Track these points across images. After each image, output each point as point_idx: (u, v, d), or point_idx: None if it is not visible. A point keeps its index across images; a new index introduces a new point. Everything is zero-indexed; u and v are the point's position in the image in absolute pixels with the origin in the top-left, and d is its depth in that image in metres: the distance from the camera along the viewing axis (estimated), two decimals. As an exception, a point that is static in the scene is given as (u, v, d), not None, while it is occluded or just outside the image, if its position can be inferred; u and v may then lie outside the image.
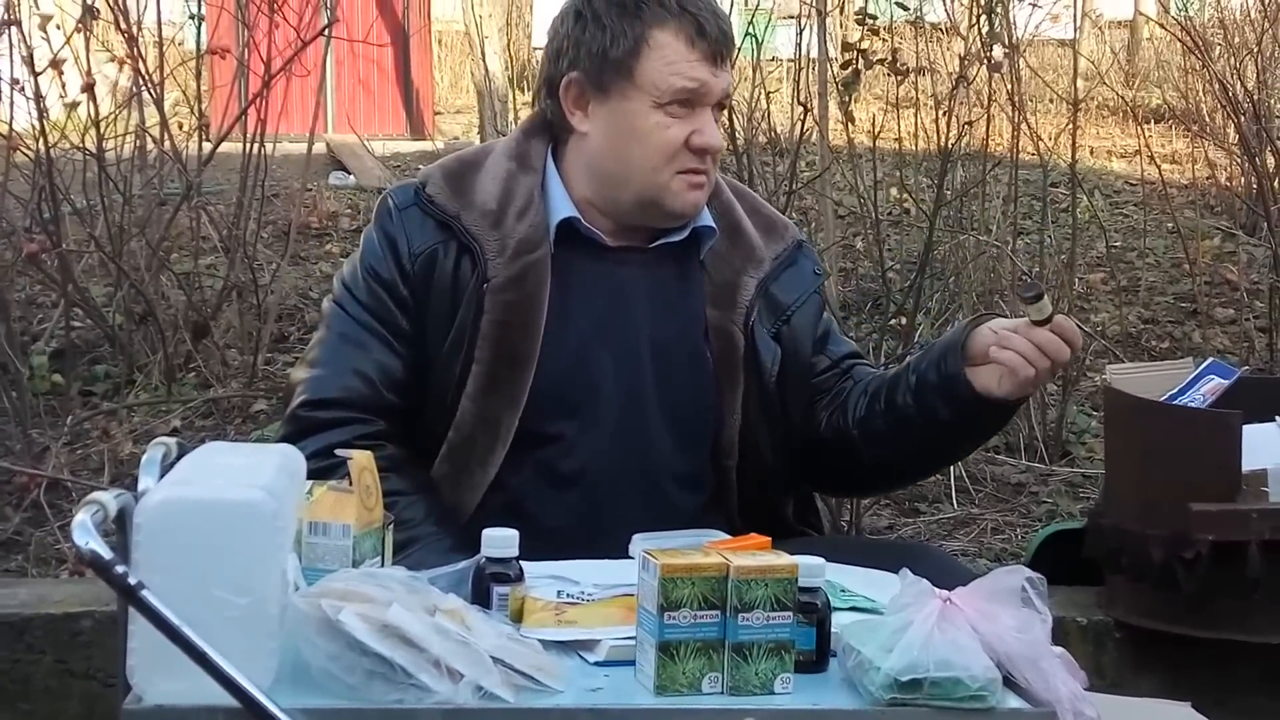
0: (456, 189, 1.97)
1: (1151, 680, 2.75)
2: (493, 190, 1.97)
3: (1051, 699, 1.42)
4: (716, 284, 2.01)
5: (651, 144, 1.93)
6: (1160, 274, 5.36)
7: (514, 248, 1.94)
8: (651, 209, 1.97)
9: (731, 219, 2.05)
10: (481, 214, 1.95)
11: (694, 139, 1.93)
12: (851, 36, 4.40)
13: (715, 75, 1.94)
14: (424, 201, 1.97)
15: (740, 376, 1.99)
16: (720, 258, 2.02)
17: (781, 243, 2.07)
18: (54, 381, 4.01)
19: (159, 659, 1.32)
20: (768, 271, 2.04)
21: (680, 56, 1.92)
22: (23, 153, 4.03)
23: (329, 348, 1.97)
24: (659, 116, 1.92)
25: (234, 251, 4.31)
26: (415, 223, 1.96)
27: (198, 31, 4.69)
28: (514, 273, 1.93)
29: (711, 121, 1.95)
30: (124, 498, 1.39)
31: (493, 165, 2.00)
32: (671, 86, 1.91)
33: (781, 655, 1.43)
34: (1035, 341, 1.86)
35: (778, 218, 2.13)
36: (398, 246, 1.95)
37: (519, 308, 1.93)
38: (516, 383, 1.92)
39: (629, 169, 1.95)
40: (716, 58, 1.93)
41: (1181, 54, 6.38)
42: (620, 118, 1.95)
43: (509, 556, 1.59)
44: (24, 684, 2.70)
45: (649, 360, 1.98)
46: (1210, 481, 2.63)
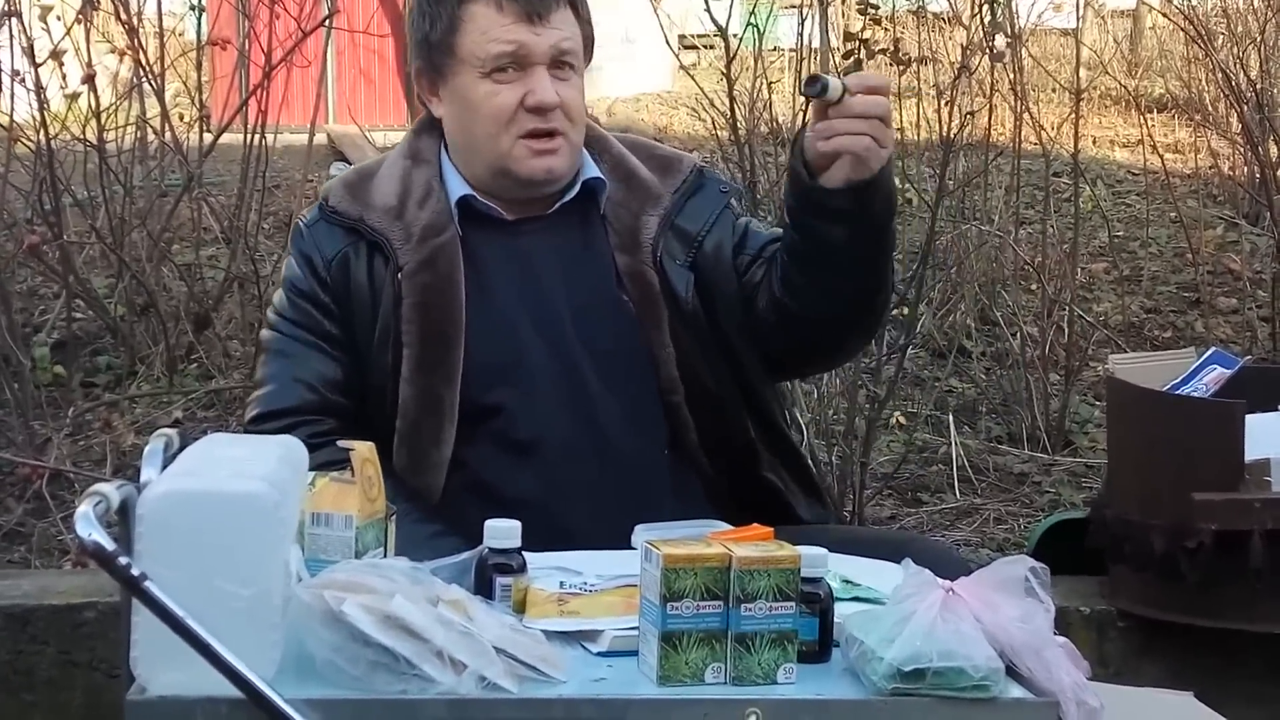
0: (355, 194, 2.05)
1: (1154, 670, 2.76)
2: (391, 188, 2.04)
3: (1054, 689, 1.42)
4: (619, 231, 2.05)
5: (485, 113, 1.98)
6: (1163, 264, 5.36)
7: (419, 233, 2.01)
8: (504, 178, 2.02)
9: (625, 168, 2.09)
10: (383, 211, 2.02)
11: (527, 99, 1.96)
12: (853, 26, 4.40)
13: (536, 34, 1.96)
14: (328, 214, 2.04)
15: (662, 312, 2.03)
16: (619, 205, 2.06)
17: (679, 175, 2.10)
18: (56, 373, 4.01)
19: (162, 650, 1.32)
20: (669, 206, 2.07)
21: (493, 23, 1.96)
22: (24, 144, 4.03)
23: (270, 368, 2.07)
24: (487, 85, 1.97)
25: (235, 242, 4.31)
26: (324, 234, 2.04)
27: (198, 22, 4.69)
28: (424, 255, 2.00)
29: (544, 80, 1.97)
30: (126, 489, 1.39)
31: (388, 167, 2.08)
32: (489, 53, 1.96)
33: (784, 645, 1.43)
34: (848, 113, 1.84)
35: (674, 154, 2.16)
36: (312, 259, 2.04)
37: (435, 288, 1.99)
38: (448, 358, 1.98)
39: (474, 141, 2.01)
40: (533, 16, 1.96)
41: (1184, 43, 6.37)
42: (458, 95, 2.01)
43: (511, 547, 1.59)
44: (27, 675, 2.71)
45: (570, 320, 2.02)
46: (1213, 471, 2.63)
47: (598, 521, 1.89)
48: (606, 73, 9.81)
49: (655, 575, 1.42)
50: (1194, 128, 6.37)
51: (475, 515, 1.68)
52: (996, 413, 4.19)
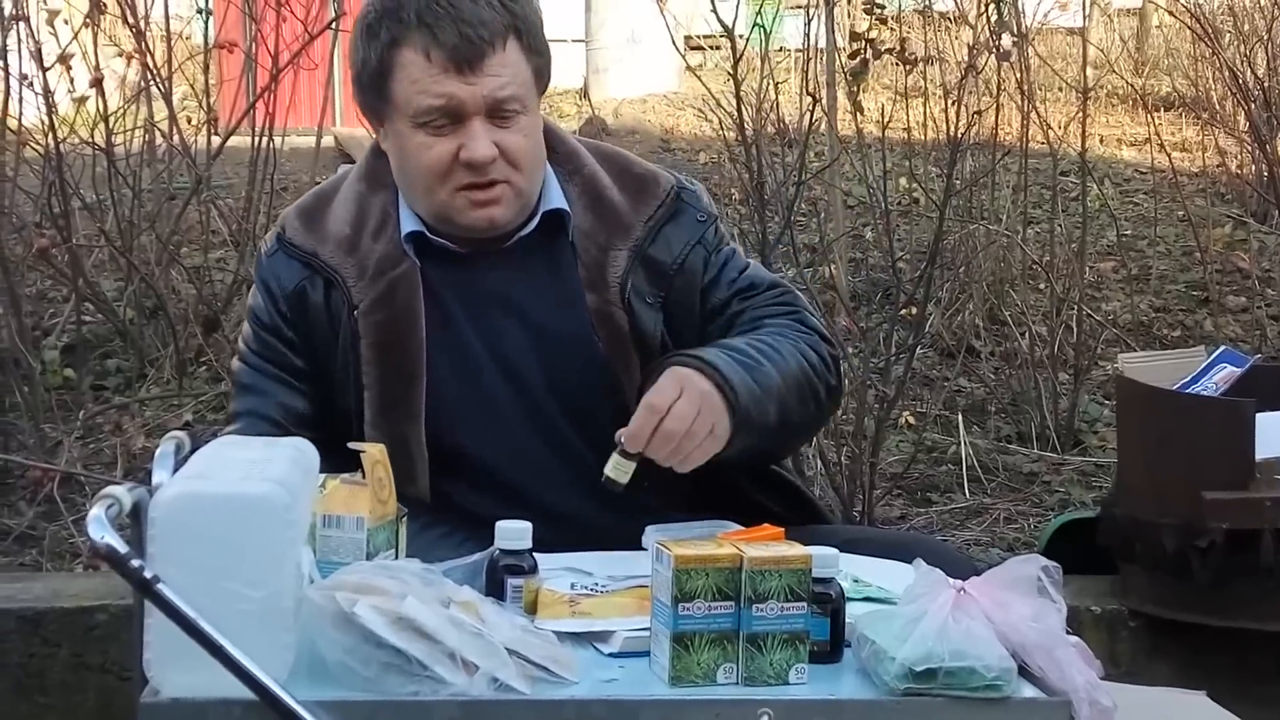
0: (309, 225, 1.96)
1: (1166, 669, 2.75)
2: (344, 216, 1.95)
3: (1067, 688, 1.42)
4: (587, 265, 1.93)
5: (420, 165, 1.88)
6: (1171, 262, 5.35)
7: (374, 267, 1.92)
8: (448, 224, 1.92)
9: (594, 191, 1.96)
10: (336, 243, 1.93)
11: (461, 154, 1.85)
12: (859, 26, 4.40)
13: (469, 84, 1.83)
14: (285, 245, 1.96)
15: (632, 356, 1.92)
16: (587, 236, 1.94)
17: (654, 201, 1.96)
18: (66, 376, 4.02)
19: (175, 652, 1.32)
20: (640, 237, 1.94)
21: (422, 73, 1.83)
22: (32, 148, 4.04)
23: (238, 404, 2.00)
24: (421, 136, 1.86)
25: (244, 245, 4.32)
26: (281, 265, 1.96)
27: (205, 26, 4.69)
28: (379, 293, 1.91)
29: (478, 133, 1.84)
30: (138, 492, 1.39)
31: (345, 192, 1.98)
32: (419, 106, 1.84)
33: (796, 646, 1.43)
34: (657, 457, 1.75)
35: (650, 173, 2.00)
36: (271, 291, 1.96)
37: (392, 325, 1.91)
38: (410, 398, 1.90)
39: (412, 188, 1.92)
40: (463, 65, 1.82)
41: (1191, 41, 6.35)
42: (395, 139, 1.91)
43: (523, 548, 1.59)
44: (40, 677, 2.72)
45: (537, 362, 1.93)
46: (1223, 470, 2.63)
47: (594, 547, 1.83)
48: (613, 74, 9.83)
49: (667, 576, 1.42)
50: (1201, 126, 6.36)
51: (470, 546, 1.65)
52: (1006, 412, 4.18)
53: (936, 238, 3.91)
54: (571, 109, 8.88)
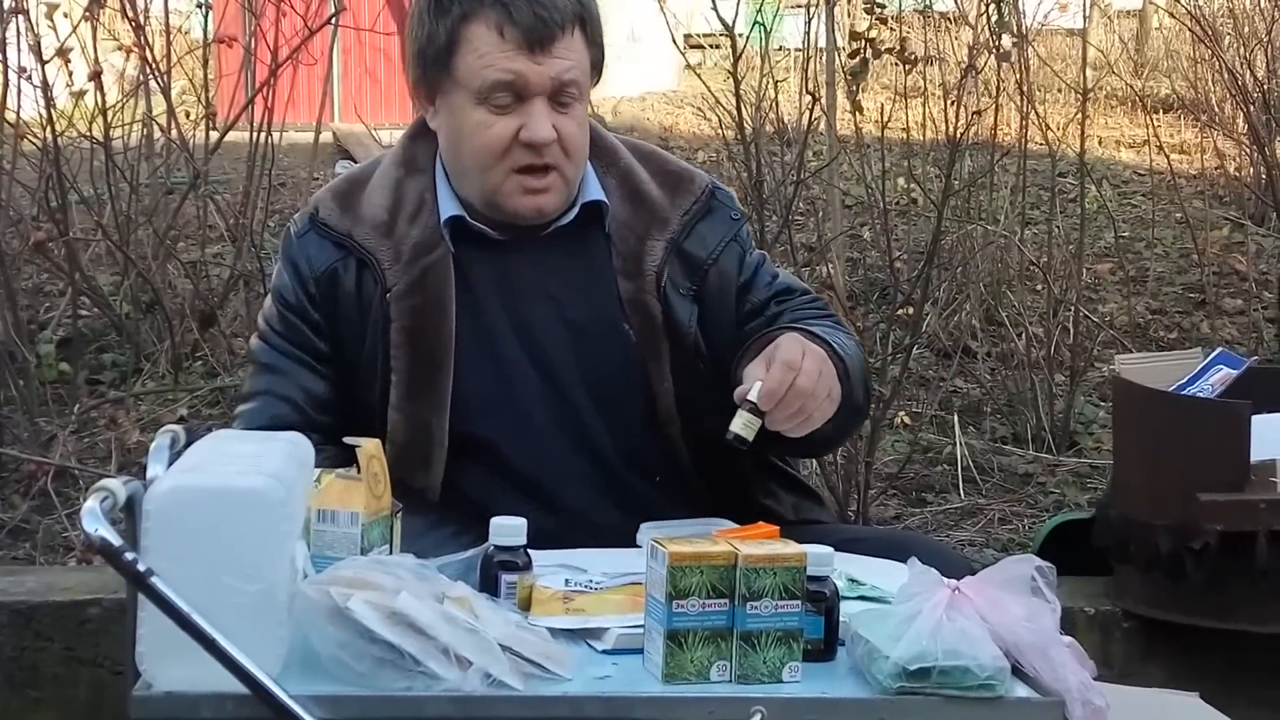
0: (345, 207, 1.96)
1: (1160, 670, 2.75)
2: (381, 201, 1.95)
3: (1060, 688, 1.42)
4: (623, 254, 1.95)
5: (477, 143, 1.88)
6: (1169, 264, 5.35)
7: (409, 253, 1.92)
8: (495, 209, 1.93)
9: (631, 184, 1.99)
10: (372, 226, 1.94)
11: (522, 133, 1.86)
12: (859, 25, 4.40)
13: (538, 64, 1.85)
14: (318, 224, 1.96)
15: (663, 345, 1.94)
16: (624, 226, 1.96)
17: (690, 196, 1.99)
18: (61, 370, 4.01)
19: (168, 646, 1.32)
20: (676, 230, 1.97)
21: (492, 48, 1.85)
22: (30, 141, 4.04)
23: (256, 382, 1.99)
24: (481, 114, 1.87)
25: (241, 240, 4.32)
26: (313, 246, 1.96)
27: (205, 20, 4.69)
28: (413, 277, 1.92)
29: (541, 114, 1.86)
30: (133, 485, 1.39)
31: (380, 176, 1.98)
32: (485, 80, 1.85)
33: (790, 644, 1.43)
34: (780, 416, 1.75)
35: (686, 171, 2.04)
36: (300, 271, 1.96)
37: (424, 311, 1.91)
38: (437, 386, 1.91)
39: (464, 168, 1.92)
40: (535, 45, 1.84)
41: (1191, 43, 6.36)
42: (451, 116, 1.91)
43: (517, 545, 1.58)
44: (32, 671, 2.71)
45: (568, 349, 1.95)
46: (1218, 472, 2.63)
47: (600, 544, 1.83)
48: (612, 72, 9.81)
49: (661, 573, 1.42)
50: (1200, 128, 6.37)
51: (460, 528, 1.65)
52: (1001, 413, 4.18)
53: (934, 238, 3.91)
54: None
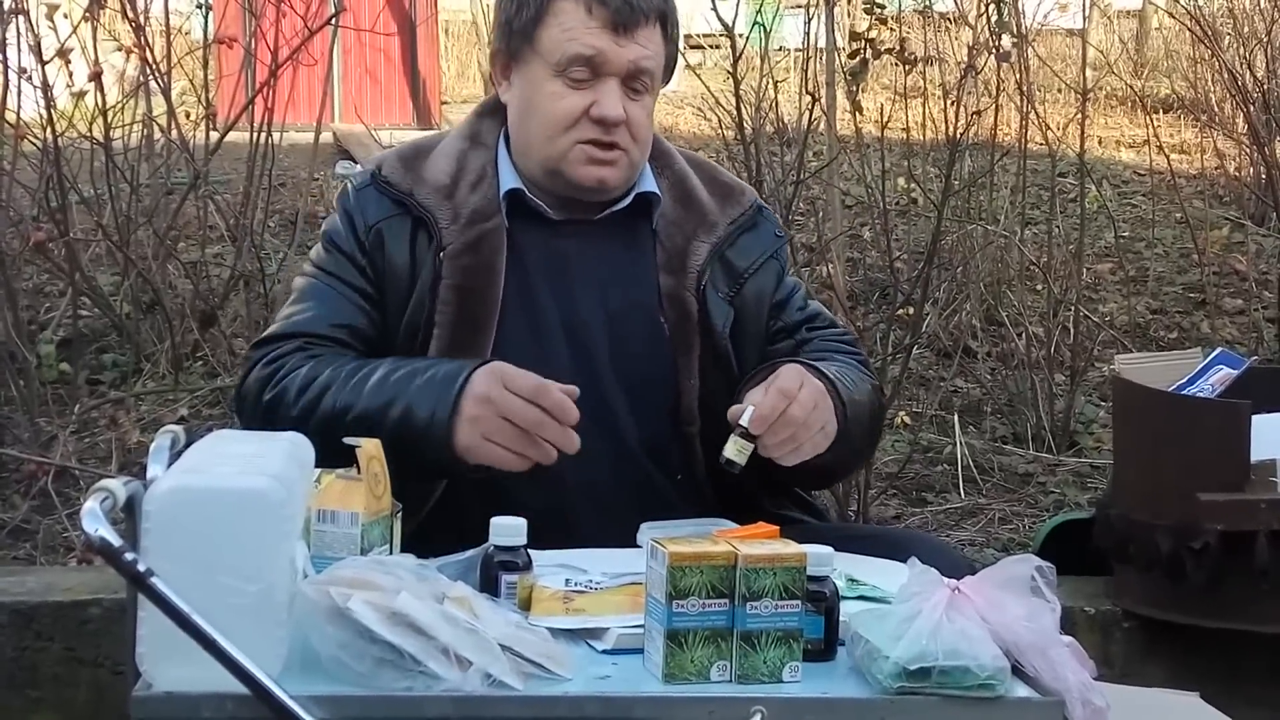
0: (409, 167, 2.02)
1: (1160, 670, 2.75)
2: (445, 167, 2.01)
3: (1060, 688, 1.42)
4: (668, 250, 2.01)
5: (547, 112, 1.94)
6: (1169, 264, 5.36)
7: (467, 216, 1.97)
8: (556, 178, 1.97)
9: (684, 187, 2.06)
10: (434, 188, 1.99)
11: (593, 109, 1.92)
12: (859, 26, 4.40)
13: (619, 45, 1.92)
14: (379, 182, 2.01)
15: (695, 341, 1.99)
16: (672, 224, 2.03)
17: (738, 207, 2.07)
18: (61, 370, 4.01)
19: (168, 646, 1.32)
20: (722, 236, 2.03)
21: (578, 23, 1.92)
22: (30, 141, 4.04)
23: (300, 306, 2.01)
24: (556, 85, 1.93)
25: (241, 240, 4.32)
26: (371, 200, 2.01)
27: (205, 20, 4.69)
28: (469, 239, 1.96)
29: (613, 92, 1.92)
30: (133, 485, 1.39)
31: (446, 145, 2.05)
32: (566, 53, 1.92)
33: (790, 644, 1.43)
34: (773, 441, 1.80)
35: (736, 184, 2.12)
36: (354, 221, 2.00)
37: (475, 272, 1.96)
38: (476, 346, 1.95)
39: (530, 136, 1.98)
40: (619, 27, 1.91)
41: (1191, 43, 6.37)
42: (525, 85, 1.98)
43: (517, 545, 1.58)
44: (32, 671, 2.71)
45: (603, 332, 1.99)
46: (1218, 471, 2.63)
47: (607, 531, 1.85)
48: (612, 72, 9.82)
49: (661, 573, 1.42)
50: (1200, 128, 6.37)
51: (478, 513, 1.65)
52: (1001, 413, 4.18)
53: (934, 238, 3.92)
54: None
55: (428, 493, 1.94)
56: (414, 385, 1.82)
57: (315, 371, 1.90)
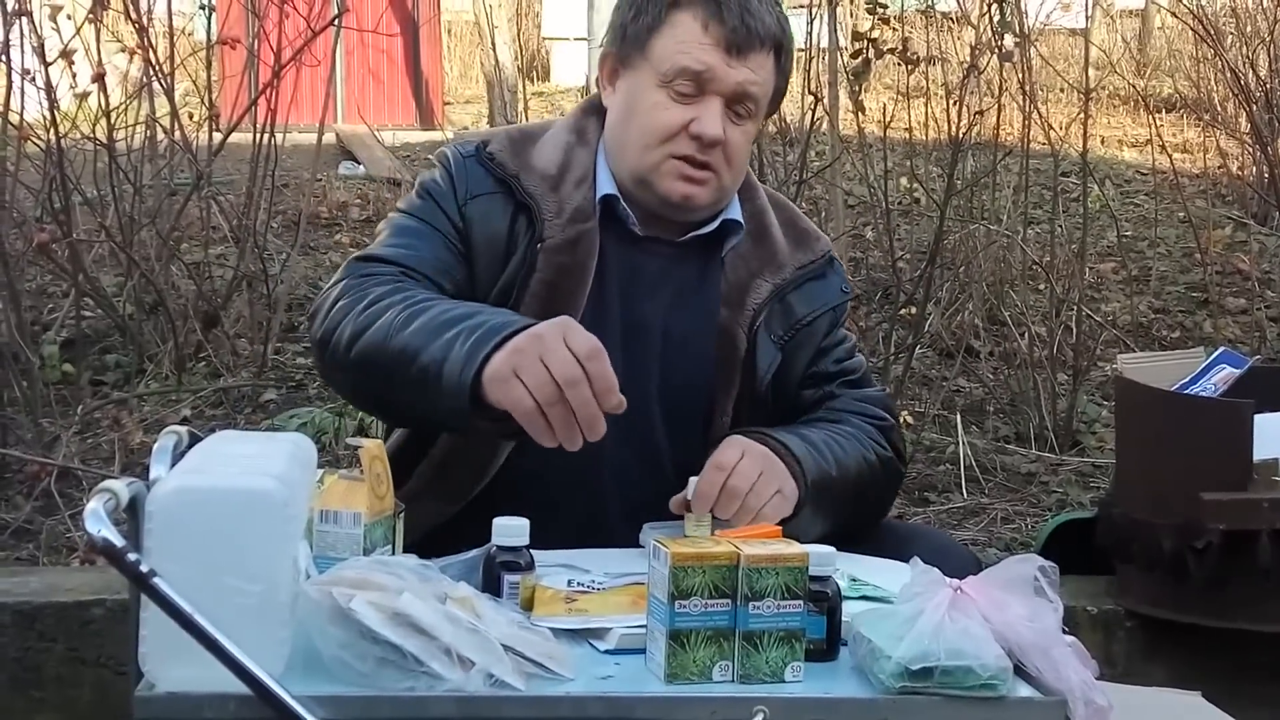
0: (517, 151, 1.98)
1: (1162, 669, 2.75)
2: (553, 157, 1.98)
3: (1063, 688, 1.42)
4: (730, 282, 2.00)
5: (646, 121, 1.92)
6: (1171, 263, 5.36)
7: (570, 213, 1.94)
8: (644, 188, 1.95)
9: (761, 223, 2.04)
10: (541, 177, 1.96)
11: (692, 125, 1.90)
12: (862, 26, 4.40)
13: (729, 65, 1.90)
14: (484, 158, 1.97)
15: (736, 377, 1.98)
16: (740, 258, 2.01)
17: (810, 254, 2.05)
18: (65, 371, 4.02)
19: (171, 646, 1.32)
20: (788, 278, 2.02)
21: (692, 37, 1.90)
22: (33, 143, 4.04)
23: (393, 241, 1.94)
24: (660, 95, 1.92)
25: (244, 241, 4.32)
26: (475, 173, 1.97)
27: (208, 22, 4.70)
28: (569, 236, 1.93)
29: (715, 112, 1.90)
30: (136, 486, 1.39)
31: (553, 136, 2.02)
32: (676, 64, 1.90)
33: (792, 644, 1.43)
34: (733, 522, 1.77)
35: (813, 230, 2.10)
36: (455, 184, 1.96)
37: (569, 271, 1.93)
38: None
39: (626, 143, 1.96)
40: (733, 48, 1.90)
41: (1193, 43, 6.37)
42: (630, 91, 1.96)
43: (519, 545, 1.59)
44: (35, 672, 2.71)
45: (658, 352, 1.98)
46: (1221, 471, 2.63)
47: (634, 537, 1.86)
48: (615, 72, 9.82)
49: (663, 573, 1.42)
50: (1203, 127, 6.37)
51: (508, 509, 1.64)
52: (1004, 412, 4.18)
53: (937, 238, 3.92)
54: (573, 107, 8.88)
55: (474, 479, 1.92)
56: (479, 314, 1.74)
57: (401, 288, 1.83)
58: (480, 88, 9.30)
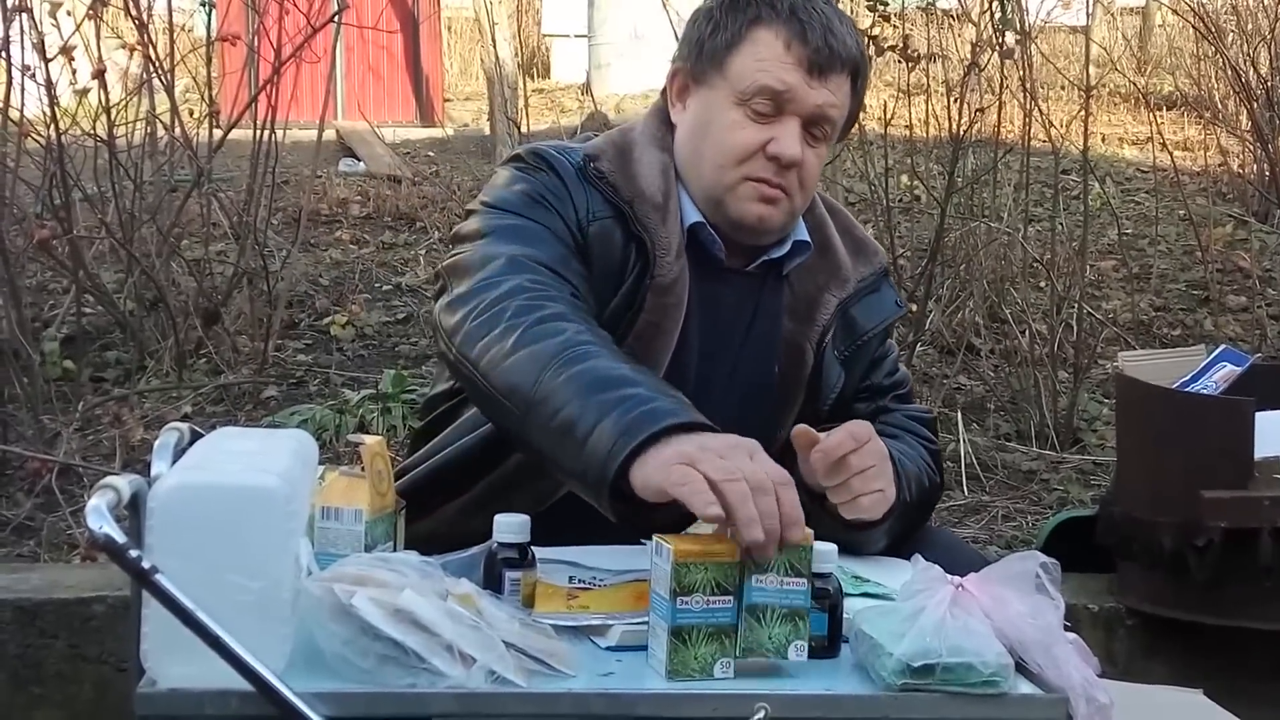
0: (624, 169, 1.90)
1: (1163, 667, 2.75)
2: (656, 183, 1.90)
3: (1064, 685, 1.42)
4: (797, 296, 1.96)
5: (723, 140, 1.87)
6: (1172, 261, 5.36)
7: (675, 249, 1.87)
8: (717, 210, 1.90)
9: (823, 234, 2.01)
10: (653, 206, 1.88)
11: (770, 146, 1.85)
12: (863, 22, 4.39)
13: (810, 86, 1.86)
14: (593, 174, 1.89)
15: (799, 394, 1.95)
16: (806, 271, 1.97)
17: (869, 267, 2.03)
18: (65, 368, 4.02)
19: (172, 643, 1.32)
20: (851, 293, 1.99)
21: (774, 56, 1.86)
22: (34, 139, 4.04)
23: (516, 242, 1.78)
24: (737, 114, 1.87)
25: (244, 238, 4.32)
26: (586, 190, 1.87)
27: (208, 18, 4.70)
28: (674, 275, 1.87)
29: (794, 132, 1.85)
30: (137, 482, 1.39)
31: (646, 152, 1.93)
32: (756, 82, 1.85)
33: (796, 623, 1.42)
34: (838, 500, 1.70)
35: (869, 241, 2.08)
36: (575, 202, 1.86)
37: (669, 311, 1.87)
38: None
39: (700, 162, 1.90)
40: (815, 68, 1.85)
41: (1194, 40, 6.37)
42: (704, 108, 1.90)
43: (521, 542, 1.59)
44: (36, 669, 2.71)
45: (727, 385, 1.93)
46: (1222, 469, 2.63)
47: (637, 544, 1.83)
48: (615, 69, 9.83)
49: (666, 569, 1.42)
50: (1203, 125, 6.37)
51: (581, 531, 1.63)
52: (1005, 410, 4.18)
53: (937, 235, 3.92)
54: (573, 104, 8.89)
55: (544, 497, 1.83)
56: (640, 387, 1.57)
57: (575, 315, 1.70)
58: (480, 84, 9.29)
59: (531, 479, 1.85)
